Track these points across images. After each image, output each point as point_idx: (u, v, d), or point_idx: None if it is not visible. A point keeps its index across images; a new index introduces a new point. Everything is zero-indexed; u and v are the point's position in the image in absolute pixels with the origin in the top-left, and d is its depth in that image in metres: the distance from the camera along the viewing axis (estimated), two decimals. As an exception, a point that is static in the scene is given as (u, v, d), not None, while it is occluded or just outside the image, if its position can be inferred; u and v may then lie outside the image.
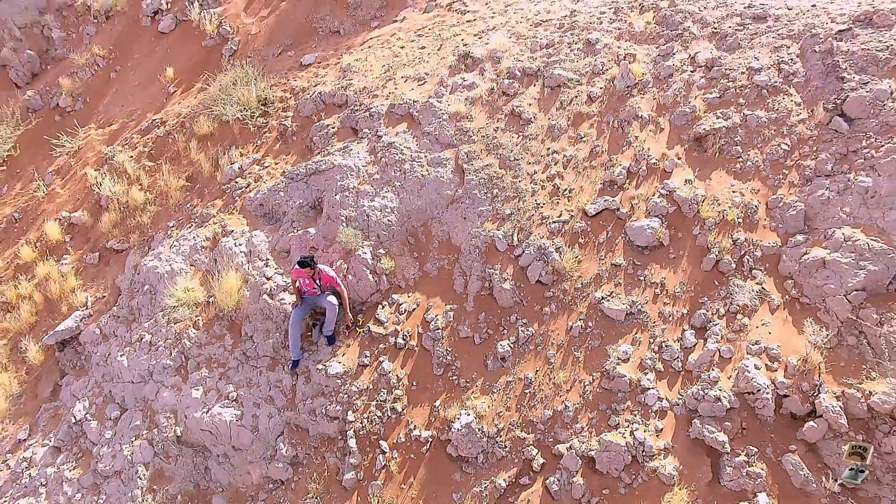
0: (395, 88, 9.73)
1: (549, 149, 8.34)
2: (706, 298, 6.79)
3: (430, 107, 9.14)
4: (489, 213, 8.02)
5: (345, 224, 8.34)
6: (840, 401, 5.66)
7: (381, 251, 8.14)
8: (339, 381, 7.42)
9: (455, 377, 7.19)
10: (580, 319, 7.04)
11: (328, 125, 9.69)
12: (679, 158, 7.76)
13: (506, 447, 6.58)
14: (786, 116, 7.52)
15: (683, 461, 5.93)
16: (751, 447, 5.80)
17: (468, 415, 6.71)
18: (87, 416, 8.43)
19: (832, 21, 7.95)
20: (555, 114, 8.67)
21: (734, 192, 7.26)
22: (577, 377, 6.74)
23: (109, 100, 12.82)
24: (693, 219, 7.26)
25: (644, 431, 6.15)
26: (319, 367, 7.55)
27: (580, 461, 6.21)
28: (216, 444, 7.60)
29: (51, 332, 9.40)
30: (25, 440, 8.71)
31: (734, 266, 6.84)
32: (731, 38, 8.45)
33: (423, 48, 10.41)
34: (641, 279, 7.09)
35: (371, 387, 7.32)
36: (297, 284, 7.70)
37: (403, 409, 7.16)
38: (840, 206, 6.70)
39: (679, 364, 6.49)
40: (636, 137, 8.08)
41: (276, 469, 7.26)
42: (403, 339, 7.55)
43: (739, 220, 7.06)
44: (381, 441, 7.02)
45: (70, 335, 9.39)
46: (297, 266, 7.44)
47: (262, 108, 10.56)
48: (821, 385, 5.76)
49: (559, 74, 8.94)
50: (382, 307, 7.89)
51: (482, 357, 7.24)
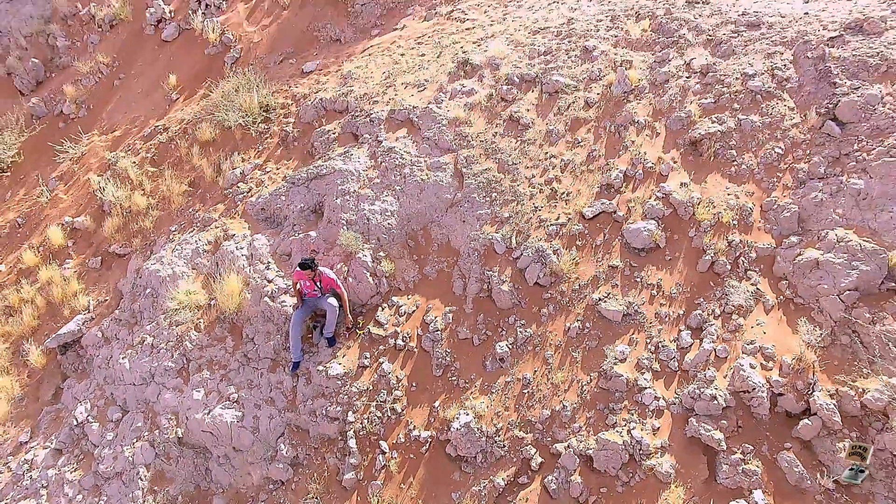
0: (396, 95, 9.87)
1: (547, 153, 8.46)
2: (702, 299, 6.88)
3: (430, 112, 9.27)
4: (488, 217, 8.13)
5: (345, 227, 8.44)
6: (834, 399, 5.73)
7: (382, 254, 8.23)
8: (340, 383, 7.49)
9: (454, 378, 7.26)
10: (578, 320, 7.12)
11: (329, 131, 9.82)
12: (675, 162, 7.87)
13: (504, 447, 6.63)
14: (779, 121, 7.65)
15: (680, 459, 5.99)
16: (746, 445, 5.86)
17: (467, 415, 6.77)
18: (89, 419, 8.48)
19: (824, 28, 8.11)
20: (552, 119, 8.80)
21: (729, 195, 7.37)
22: (575, 377, 6.81)
23: (113, 107, 12.97)
24: (689, 221, 7.37)
25: (641, 430, 6.22)
26: (320, 369, 7.62)
27: (578, 460, 6.26)
28: (217, 446, 7.65)
29: (53, 336, 9.46)
30: (27, 442, 8.75)
31: (729, 267, 6.94)
32: (726, 45, 8.60)
33: (423, 55, 10.56)
34: (638, 280, 7.18)
35: (371, 388, 7.39)
36: (298, 287, 7.78)
37: (403, 410, 7.22)
38: (833, 208, 6.81)
39: (675, 364, 6.57)
40: (633, 142, 8.20)
41: (277, 470, 7.31)
42: (403, 341, 7.62)
43: (734, 223, 7.16)
44: (381, 441, 7.08)
45: (72, 338, 9.45)
46: (298, 268, 7.53)
47: (264, 115, 10.69)
48: (815, 383, 5.84)
49: (557, 80, 9.08)
50: (382, 309, 7.97)
51: (481, 358, 7.32)
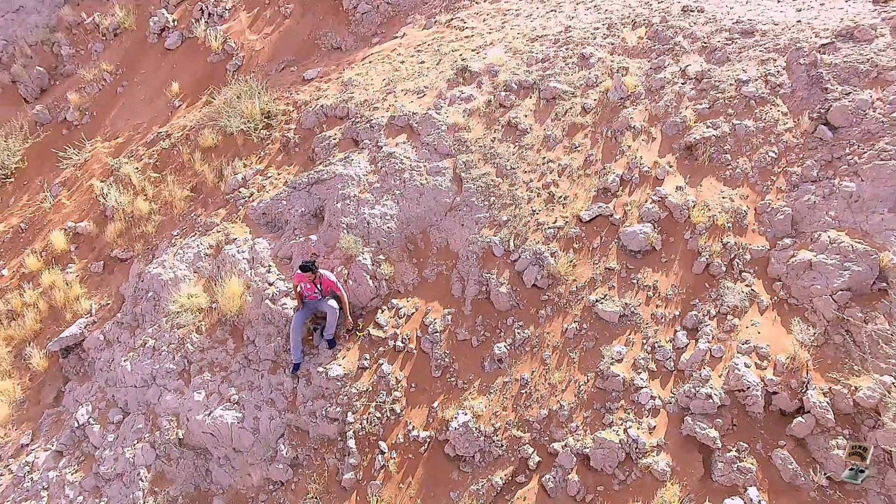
0: (395, 101, 10.02)
1: (545, 158, 8.58)
2: (697, 300, 6.97)
3: (429, 118, 9.41)
4: (486, 220, 8.23)
5: (346, 231, 8.54)
6: (827, 397, 5.81)
7: (381, 257, 8.33)
8: (340, 384, 7.56)
9: (453, 379, 7.34)
10: (575, 321, 7.21)
11: (330, 136, 9.95)
12: (670, 166, 7.99)
13: (502, 446, 6.70)
14: (773, 125, 7.78)
15: (676, 457, 6.06)
16: (741, 443, 5.93)
17: (465, 415, 6.84)
18: (90, 421, 8.53)
19: (816, 35, 8.26)
20: (550, 124, 8.93)
21: (724, 198, 7.48)
22: (572, 377, 6.88)
23: (116, 114, 13.13)
24: (684, 224, 7.48)
25: (637, 429, 6.29)
26: (320, 370, 7.70)
27: (575, 459, 6.33)
28: (217, 447, 7.71)
29: (55, 339, 9.53)
30: (28, 445, 8.79)
31: (724, 269, 7.03)
32: (720, 52, 8.75)
33: (423, 63, 10.72)
34: (634, 282, 7.28)
35: (370, 389, 7.46)
36: (299, 289, 7.87)
37: (402, 411, 7.29)
38: (825, 211, 6.92)
39: (671, 364, 6.64)
40: (629, 146, 8.33)
41: (277, 470, 7.36)
42: (402, 343, 7.70)
43: (729, 225, 7.27)
44: (380, 441, 7.14)
45: (74, 342, 9.53)
46: (299, 270, 7.62)
47: (266, 121, 10.83)
48: (808, 382, 5.92)
49: (554, 87, 9.23)
50: (382, 311, 8.06)
51: (479, 359, 7.39)
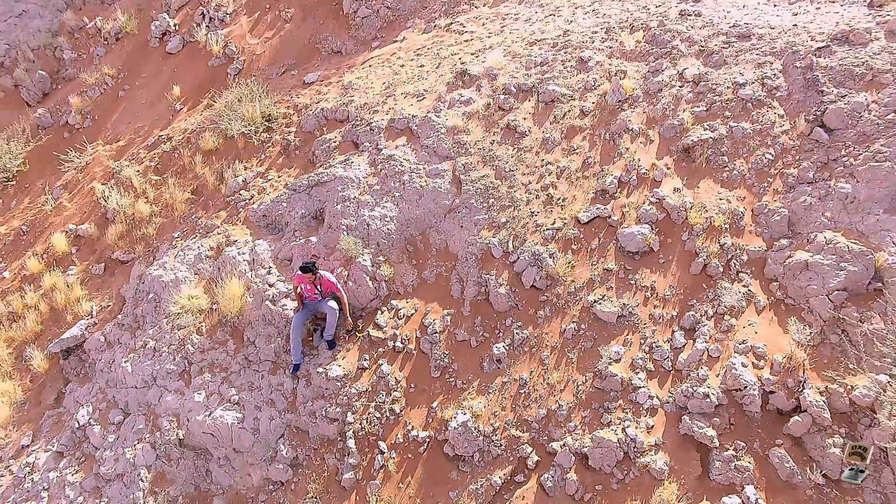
0: (395, 104, 10.09)
1: (543, 160, 8.65)
2: (695, 301, 7.02)
3: (429, 121, 9.48)
4: (485, 222, 8.29)
5: (346, 233, 8.59)
6: (824, 396, 5.85)
7: (381, 258, 8.38)
8: (339, 384, 7.60)
9: (452, 379, 7.38)
10: (573, 322, 7.25)
11: (330, 139, 10.02)
12: (668, 168, 8.06)
13: (501, 446, 6.73)
14: (769, 128, 7.85)
15: (674, 456, 6.09)
16: (739, 442, 5.97)
17: (464, 414, 6.88)
18: (91, 421, 8.56)
19: (812, 39, 8.34)
20: (549, 127, 9.00)
21: (721, 200, 7.54)
22: (571, 377, 6.92)
23: (117, 117, 13.20)
24: (682, 225, 7.53)
25: (635, 428, 6.32)
26: (320, 371, 7.74)
27: (573, 458, 6.36)
28: (217, 447, 7.74)
29: (56, 341, 9.56)
30: (28, 446, 8.82)
31: (721, 270, 7.09)
32: (717, 56, 8.83)
33: (422, 66, 10.80)
34: (632, 283, 7.33)
35: (370, 389, 7.50)
36: (299, 290, 7.92)
37: (401, 411, 7.33)
38: (821, 212, 6.98)
39: (669, 363, 6.69)
40: (627, 149, 8.40)
41: (277, 470, 7.39)
42: (402, 343, 7.74)
43: (726, 226, 7.32)
44: (380, 441, 7.18)
45: (75, 343, 9.56)
46: (299, 271, 7.67)
47: (266, 124, 10.90)
48: (805, 381, 5.96)
49: (553, 90, 9.30)
50: (382, 312, 8.10)
51: (478, 359, 7.44)
